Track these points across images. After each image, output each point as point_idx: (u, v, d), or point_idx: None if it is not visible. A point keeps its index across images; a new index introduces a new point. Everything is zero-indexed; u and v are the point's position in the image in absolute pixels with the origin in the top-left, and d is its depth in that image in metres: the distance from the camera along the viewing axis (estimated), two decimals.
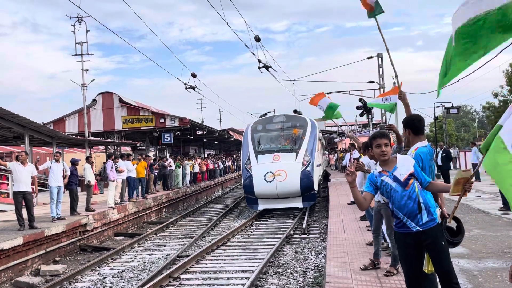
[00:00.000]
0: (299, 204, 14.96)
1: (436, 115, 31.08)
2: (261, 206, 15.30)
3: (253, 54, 14.81)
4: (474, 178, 3.49)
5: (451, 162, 21.25)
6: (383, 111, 27.04)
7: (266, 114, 18.42)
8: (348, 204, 12.81)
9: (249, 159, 15.65)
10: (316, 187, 15.39)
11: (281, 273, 8.38)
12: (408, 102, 4.59)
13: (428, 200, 3.57)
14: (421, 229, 3.46)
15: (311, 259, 9.28)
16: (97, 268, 9.56)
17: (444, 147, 19.40)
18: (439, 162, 17.24)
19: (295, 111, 18.30)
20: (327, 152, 35.63)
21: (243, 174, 15.84)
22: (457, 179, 3.42)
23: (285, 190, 14.68)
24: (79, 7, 9.43)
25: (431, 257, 3.48)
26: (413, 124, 4.08)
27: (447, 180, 16.20)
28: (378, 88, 26.21)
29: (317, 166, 16.34)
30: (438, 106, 32.93)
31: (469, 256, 6.39)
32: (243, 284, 7.55)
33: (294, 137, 16.03)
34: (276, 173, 14.69)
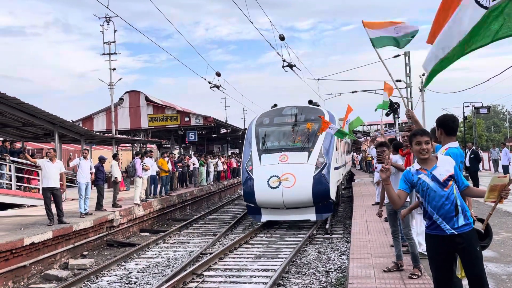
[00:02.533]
0: (311, 216, 12.36)
1: (465, 115, 30.33)
2: (265, 217, 12.68)
3: (277, 53, 14.77)
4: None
5: (481, 164, 20.70)
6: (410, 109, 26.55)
7: (276, 105, 15.33)
8: (372, 205, 12.66)
9: (250, 159, 13.03)
10: (333, 195, 12.60)
11: (304, 273, 8.37)
12: (417, 119, 4.72)
13: (465, 203, 3.48)
14: (455, 232, 3.34)
15: (334, 260, 9.22)
16: (123, 263, 9.76)
17: (473, 148, 18.92)
18: (467, 164, 16.82)
19: (310, 102, 15.26)
20: (353, 153, 34.70)
21: (242, 177, 13.21)
22: (492, 185, 3.31)
23: (293, 198, 12.01)
24: (107, 7, 9.65)
25: (463, 262, 3.36)
26: (447, 124, 3.96)
27: (475, 181, 15.80)
28: (405, 87, 25.76)
29: (336, 169, 13.54)
30: (468, 106, 32.14)
31: (498, 260, 6.22)
32: (266, 283, 7.58)
33: (307, 133, 13.12)
34: (283, 178, 12.04)
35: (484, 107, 30.05)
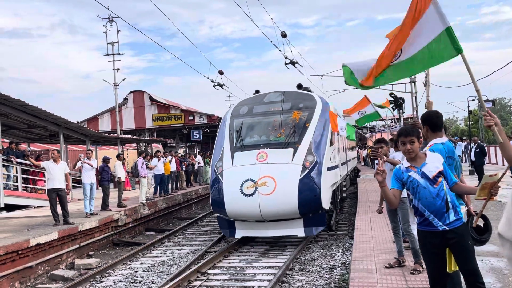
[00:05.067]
0: (298, 231, 9.89)
1: (470, 109, 30.16)
2: (240, 233, 10.23)
3: (279, 50, 14.78)
4: (501, 182, 3.40)
5: (486, 158, 20.58)
6: (414, 105, 26.52)
7: (258, 91, 12.78)
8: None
9: (221, 158, 10.51)
10: (326, 204, 9.97)
11: (308, 270, 8.39)
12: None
13: (455, 199, 3.51)
14: (447, 228, 3.40)
15: (338, 256, 9.23)
16: (129, 263, 9.84)
17: (478, 141, 18.79)
18: (473, 158, 16.74)
19: (299, 86, 12.56)
20: (357, 148, 34.14)
21: (210, 181, 10.80)
22: (483, 184, 3.34)
23: (273, 209, 9.44)
24: (108, 8, 9.70)
25: (456, 257, 3.42)
26: (431, 120, 4.03)
27: (481, 175, 15.72)
28: (409, 82, 25.69)
29: (330, 169, 10.74)
30: (473, 100, 31.93)
31: (500, 254, 6.21)
32: (269, 280, 7.61)
33: (294, 125, 10.59)
34: (260, 182, 9.49)
35: (489, 100, 29.87)
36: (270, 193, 9.41)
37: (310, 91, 12.55)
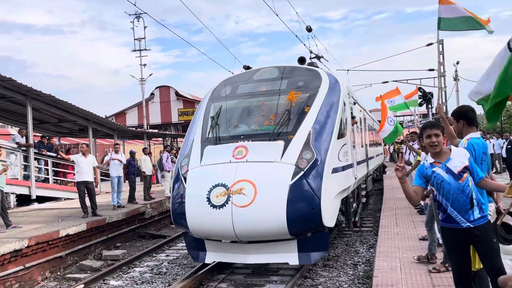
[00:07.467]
0: (290, 257, 7.00)
1: None
2: (211, 256, 7.38)
3: (304, 44, 14.66)
4: None
5: None
6: (443, 100, 25.96)
7: (249, 67, 9.85)
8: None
9: (188, 154, 7.74)
10: (328, 221, 6.86)
11: (331, 266, 8.35)
12: (444, 117, 4.62)
13: (480, 196, 3.42)
14: (471, 225, 3.33)
15: (363, 253, 9.15)
16: (154, 254, 10.04)
17: (510, 138, 18.21)
18: (504, 154, 16.28)
19: (301, 60, 9.59)
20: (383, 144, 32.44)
21: (171, 183, 8.52)
22: None
23: (251, 226, 6.57)
24: (134, 5, 9.85)
25: (480, 255, 3.35)
26: (467, 115, 4.02)
27: None
28: (438, 76, 25.12)
29: (337, 170, 7.62)
30: None
31: None
32: (292, 275, 7.62)
33: (288, 109, 7.62)
34: (234, 188, 6.63)
35: None
36: (247, 205, 6.57)
37: (315, 66, 9.95)
